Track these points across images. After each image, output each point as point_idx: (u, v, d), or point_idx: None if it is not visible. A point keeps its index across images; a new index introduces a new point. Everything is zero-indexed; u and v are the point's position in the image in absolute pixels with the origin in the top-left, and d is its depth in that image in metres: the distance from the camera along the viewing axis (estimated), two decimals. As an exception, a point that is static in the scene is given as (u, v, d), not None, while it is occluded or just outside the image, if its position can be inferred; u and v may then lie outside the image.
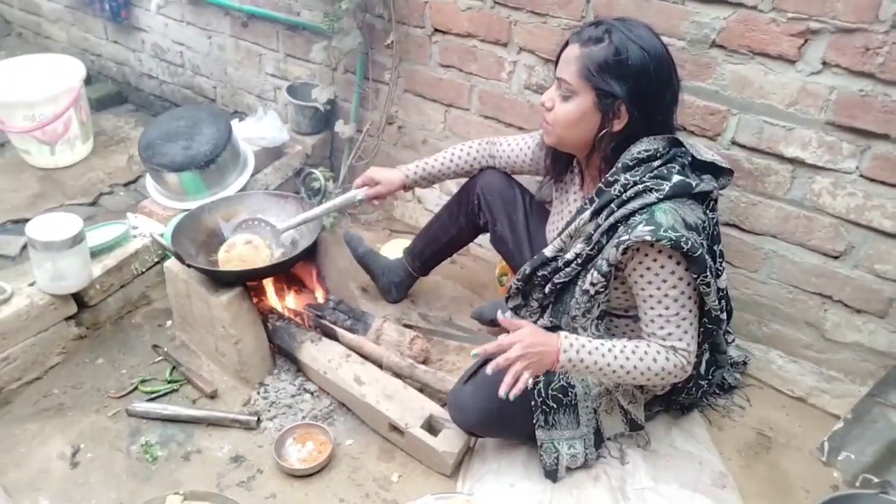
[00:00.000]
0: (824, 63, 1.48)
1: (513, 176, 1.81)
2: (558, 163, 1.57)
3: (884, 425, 1.46)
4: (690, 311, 1.35)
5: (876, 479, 1.28)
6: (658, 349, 1.34)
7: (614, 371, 1.34)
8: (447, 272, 2.23)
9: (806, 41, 1.48)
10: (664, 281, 1.31)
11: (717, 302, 1.38)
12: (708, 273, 1.30)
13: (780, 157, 1.63)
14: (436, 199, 2.37)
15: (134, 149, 2.91)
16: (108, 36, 3.26)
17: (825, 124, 1.54)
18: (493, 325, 1.99)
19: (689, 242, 1.25)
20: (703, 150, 1.42)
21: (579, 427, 1.52)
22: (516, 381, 1.28)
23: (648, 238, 1.26)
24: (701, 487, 1.53)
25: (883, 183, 1.51)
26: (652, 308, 1.34)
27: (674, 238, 1.25)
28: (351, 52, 2.24)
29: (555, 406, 1.48)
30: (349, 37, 2.17)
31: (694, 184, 1.33)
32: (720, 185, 1.43)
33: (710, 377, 1.64)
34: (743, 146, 1.67)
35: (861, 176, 1.54)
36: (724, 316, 1.49)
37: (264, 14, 2.51)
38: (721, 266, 1.48)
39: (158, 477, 1.58)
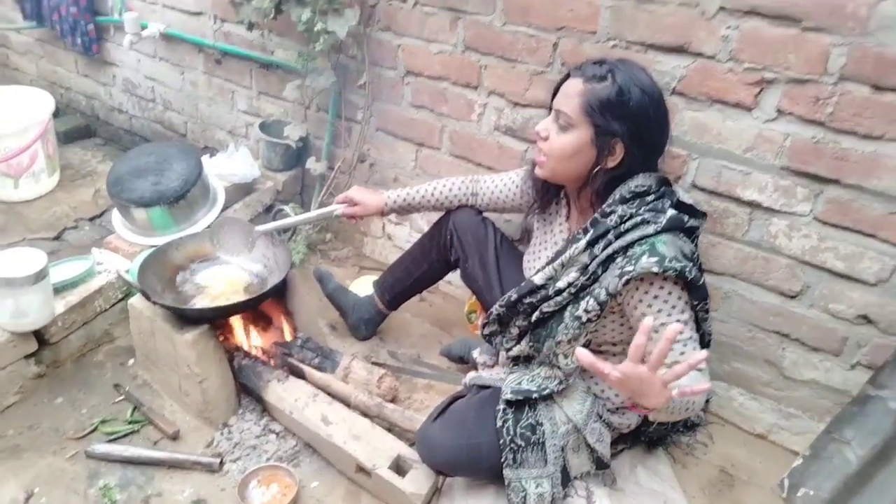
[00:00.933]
0: (779, 111, 1.55)
1: (488, 214, 1.84)
2: (546, 194, 1.61)
3: (839, 461, 1.49)
4: (696, 334, 1.36)
5: (834, 516, 1.31)
6: (696, 376, 1.29)
7: (686, 406, 1.26)
8: (416, 310, 2.23)
9: (761, 90, 1.55)
10: (673, 307, 1.32)
11: (709, 325, 1.45)
12: (708, 300, 1.36)
13: (738, 200, 1.69)
14: (406, 236, 2.39)
15: (101, 183, 2.90)
16: (78, 69, 3.25)
17: (780, 169, 1.60)
18: (463, 363, 2.00)
19: (693, 272, 1.29)
20: (683, 194, 1.47)
21: (546, 466, 1.52)
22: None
23: (656, 269, 1.28)
24: (666, 526, 1.54)
25: (835, 226, 1.57)
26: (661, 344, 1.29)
27: (678, 268, 1.28)
28: (324, 91, 2.27)
29: (523, 444, 1.48)
30: (322, 76, 2.21)
31: (686, 218, 1.38)
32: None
33: None
34: (703, 189, 1.73)
35: (815, 219, 1.60)
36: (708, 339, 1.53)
37: (238, 52, 2.54)
38: None
39: (117, 521, 1.54)
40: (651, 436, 1.72)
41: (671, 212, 1.36)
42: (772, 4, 1.47)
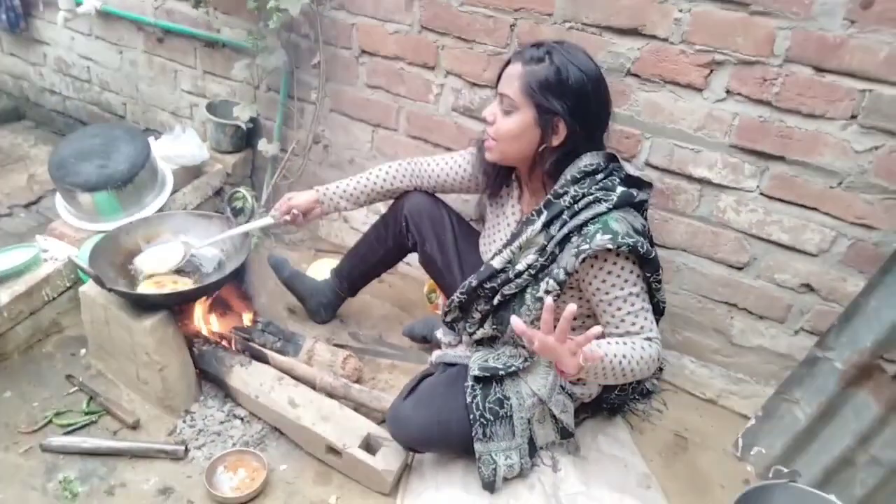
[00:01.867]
0: (728, 91, 1.62)
1: (443, 195, 1.85)
2: (497, 177, 1.63)
3: (790, 420, 1.59)
4: (648, 304, 1.44)
5: (785, 470, 1.40)
6: (642, 343, 1.39)
7: (623, 371, 1.35)
8: (376, 291, 2.23)
9: (711, 71, 1.62)
10: (626, 281, 1.39)
11: (663, 294, 1.52)
12: (660, 271, 1.42)
13: (689, 178, 1.76)
14: (363, 217, 2.38)
15: (35, 168, 2.77)
16: (3, 48, 3.07)
17: (729, 147, 1.68)
18: (425, 342, 2.02)
19: (644, 246, 1.35)
20: (629, 167, 1.52)
21: (514, 438, 1.56)
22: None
23: (610, 246, 1.34)
24: (628, 489, 1.61)
25: (780, 200, 1.67)
26: (619, 309, 1.41)
27: (630, 244, 1.34)
28: (275, 70, 2.22)
29: (491, 418, 1.52)
30: (273, 55, 2.16)
31: (635, 193, 1.44)
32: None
33: None
34: (655, 167, 1.80)
35: (761, 194, 1.68)
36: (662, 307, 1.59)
37: (181, 30, 2.45)
38: None
39: (80, 514, 1.50)
40: (613, 402, 1.80)
41: (620, 189, 1.42)
42: (722, -12, 1.53)
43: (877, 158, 1.51)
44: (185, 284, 1.79)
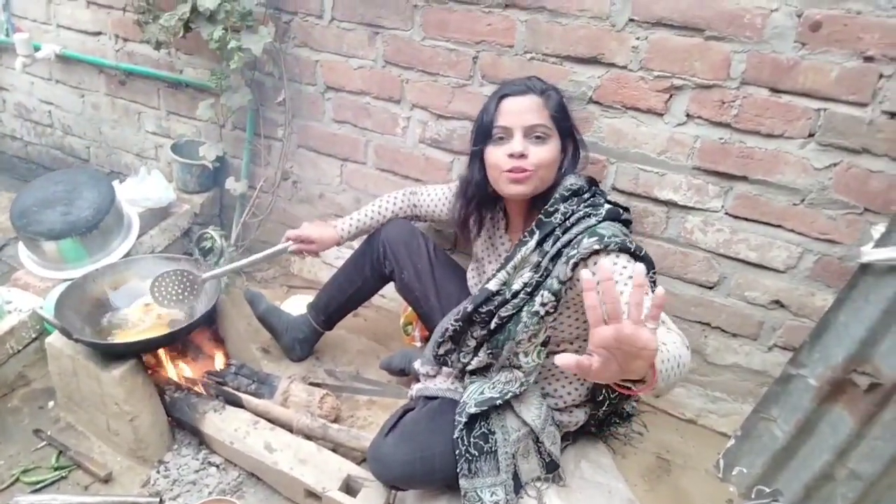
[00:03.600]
0: (688, 115, 1.65)
1: (419, 224, 1.87)
2: (484, 212, 1.67)
3: (768, 438, 1.60)
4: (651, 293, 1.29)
5: (767, 490, 1.40)
6: (667, 327, 1.27)
7: (680, 355, 1.12)
8: (351, 325, 2.21)
9: (671, 96, 1.65)
10: (623, 268, 1.29)
11: None
12: (654, 270, 1.39)
13: (656, 200, 1.78)
14: (335, 252, 2.35)
15: (-3, 216, 2.70)
16: (-39, 95, 3.02)
17: (692, 169, 1.70)
18: (403, 375, 2.00)
19: (634, 244, 1.35)
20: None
21: (500, 474, 1.54)
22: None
23: (597, 246, 1.32)
24: (614, 516, 1.60)
25: (745, 219, 1.69)
26: (622, 293, 1.24)
27: (619, 241, 1.33)
28: (240, 108, 2.22)
29: (476, 454, 1.50)
30: (238, 94, 2.15)
31: (621, 211, 1.49)
32: None
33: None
34: (622, 191, 1.81)
35: (726, 213, 1.71)
36: None
37: (143, 72, 2.44)
38: None
39: (50, 577, 1.44)
40: (600, 418, 1.78)
41: (607, 206, 1.47)
42: (676, 16, 1.57)
43: (836, 174, 1.55)
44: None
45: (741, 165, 1.64)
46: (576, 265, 1.37)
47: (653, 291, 1.35)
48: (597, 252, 1.35)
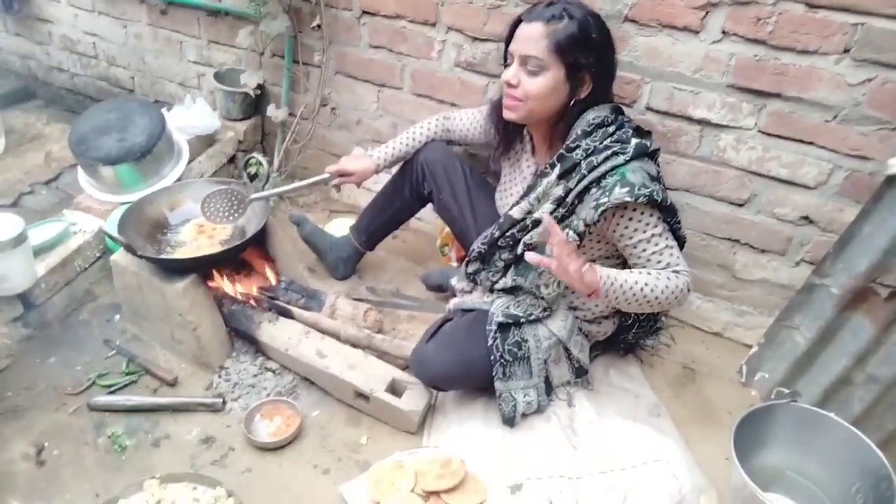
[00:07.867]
0: (724, 32, 1.66)
1: (454, 148, 1.92)
2: (509, 133, 1.70)
3: (791, 345, 1.68)
4: (672, 242, 1.50)
5: (787, 391, 1.49)
6: (668, 274, 1.46)
7: (647, 298, 1.43)
8: (390, 247, 2.31)
9: (707, 13, 1.65)
10: (647, 224, 1.46)
11: (682, 231, 1.58)
12: (677, 213, 1.49)
13: (689, 119, 1.81)
14: (374, 178, 2.44)
15: (50, 145, 2.83)
16: (7, 28, 3.11)
17: (727, 87, 1.72)
18: (440, 291, 2.10)
19: (660, 194, 1.42)
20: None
21: (532, 377, 1.66)
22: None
23: (628, 199, 1.41)
24: (640, 417, 1.71)
25: (778, 136, 1.72)
26: (644, 250, 1.48)
27: (647, 194, 1.41)
28: (278, 36, 2.26)
29: (510, 359, 1.61)
30: (276, 21, 2.20)
31: (649, 144, 1.51)
32: None
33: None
34: (656, 111, 1.84)
35: (759, 132, 1.73)
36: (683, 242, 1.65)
37: (184, 1, 2.48)
38: None
39: (131, 465, 1.61)
40: (628, 342, 1.89)
41: (635, 141, 1.49)
42: (715, -71, 1.56)
43: (870, 90, 1.56)
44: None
45: (775, 83, 1.65)
46: (604, 212, 1.44)
47: (674, 237, 1.52)
48: (625, 205, 1.43)
